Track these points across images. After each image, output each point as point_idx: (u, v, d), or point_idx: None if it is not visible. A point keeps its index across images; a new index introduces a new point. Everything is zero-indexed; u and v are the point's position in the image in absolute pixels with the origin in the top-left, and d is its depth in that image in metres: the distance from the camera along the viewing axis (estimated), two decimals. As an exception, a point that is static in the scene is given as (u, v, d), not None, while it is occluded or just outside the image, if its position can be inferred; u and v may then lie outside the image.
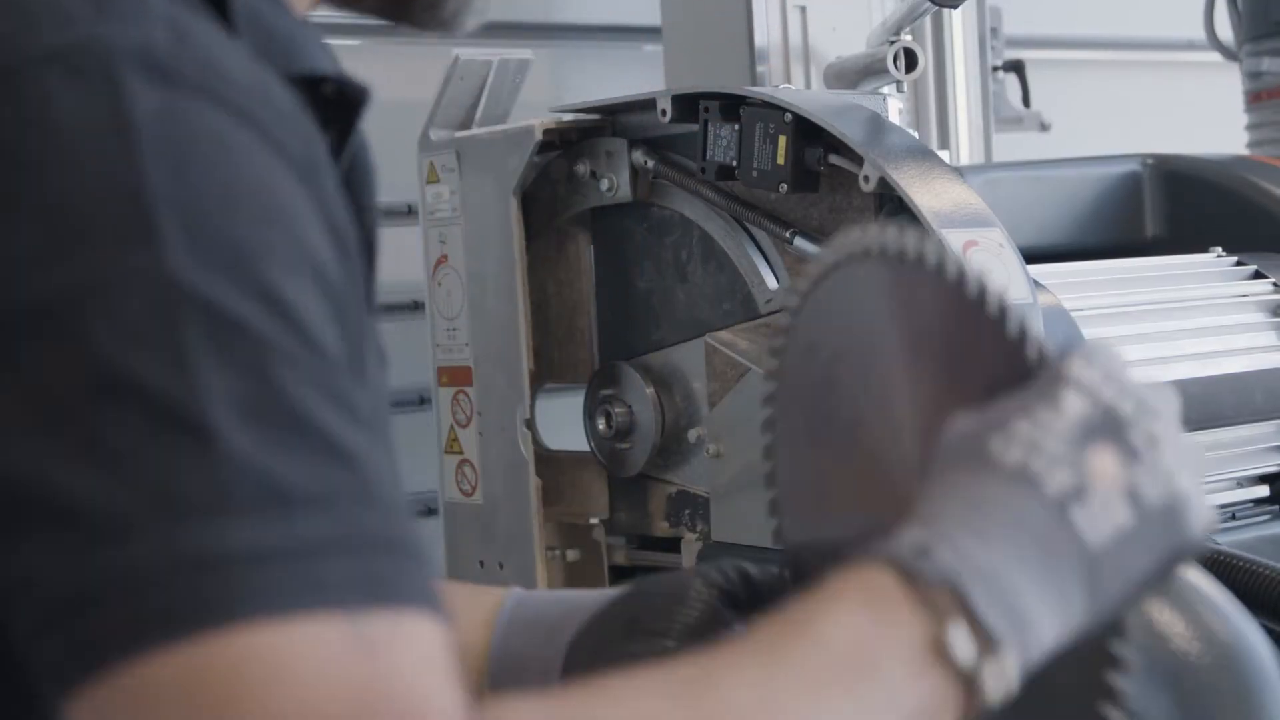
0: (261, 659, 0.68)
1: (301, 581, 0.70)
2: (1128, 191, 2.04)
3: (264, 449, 0.71)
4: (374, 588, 0.71)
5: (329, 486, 0.72)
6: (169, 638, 0.69)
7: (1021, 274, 1.53)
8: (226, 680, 0.68)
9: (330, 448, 0.73)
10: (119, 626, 0.69)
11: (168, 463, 0.70)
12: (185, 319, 0.72)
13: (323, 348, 0.75)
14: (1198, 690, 1.28)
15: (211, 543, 0.69)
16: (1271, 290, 1.82)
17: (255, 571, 0.69)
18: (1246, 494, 1.74)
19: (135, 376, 0.71)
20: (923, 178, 1.56)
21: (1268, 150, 2.38)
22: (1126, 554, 0.85)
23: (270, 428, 0.72)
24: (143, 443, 0.70)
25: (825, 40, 2.15)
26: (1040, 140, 2.79)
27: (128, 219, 0.73)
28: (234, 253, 0.74)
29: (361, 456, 0.74)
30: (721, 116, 1.68)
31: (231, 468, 0.70)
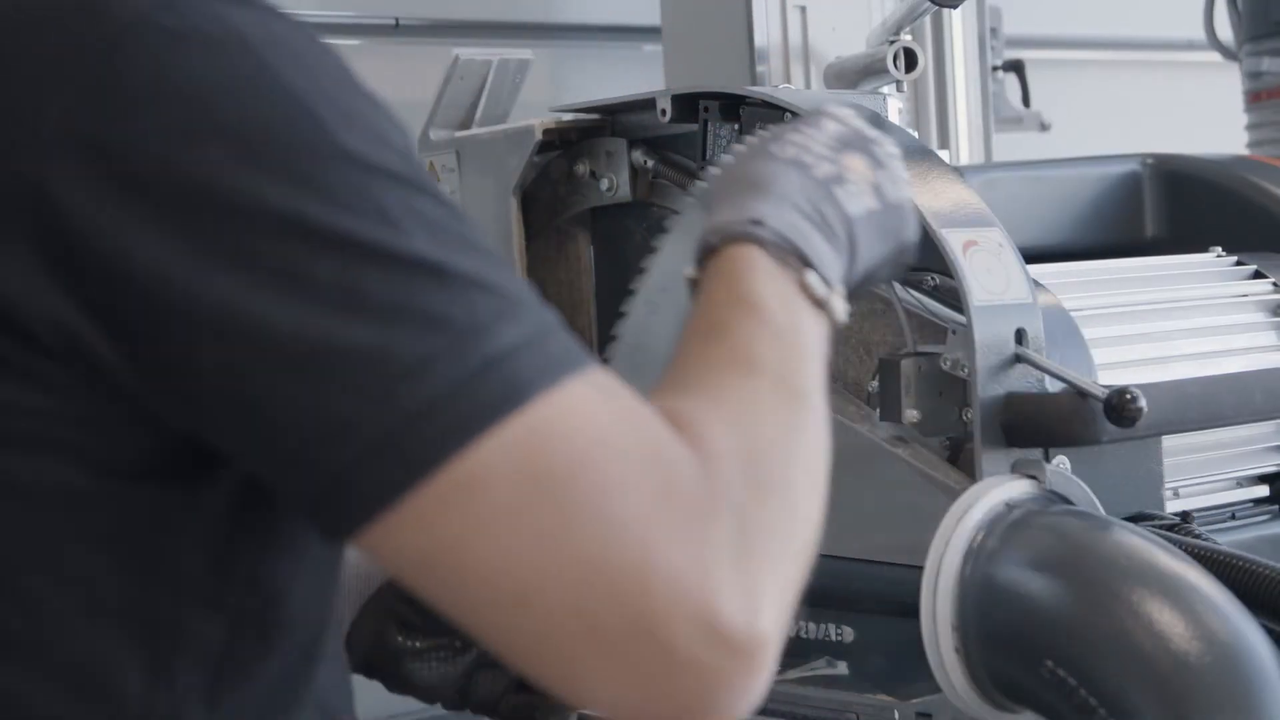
0: (561, 417, 0.91)
1: (547, 360, 0.92)
2: (1127, 191, 2.04)
3: (477, 271, 0.92)
4: (575, 355, 0.93)
5: (519, 288, 0.94)
6: (490, 424, 0.90)
7: (1021, 274, 1.53)
8: (547, 440, 0.91)
9: (498, 261, 0.94)
10: (445, 432, 0.89)
11: (429, 301, 0.91)
12: (377, 186, 0.92)
13: (442, 194, 0.96)
14: (1198, 690, 1.29)
15: (488, 349, 0.91)
16: (1271, 290, 1.82)
17: (523, 361, 0.91)
18: (1246, 494, 1.74)
19: (373, 243, 0.91)
20: (923, 177, 1.56)
21: (1268, 150, 2.38)
22: (872, 232, 1.11)
23: (468, 254, 0.93)
24: (405, 292, 0.90)
25: (825, 40, 2.16)
26: (1040, 140, 2.79)
27: (297, 119, 0.92)
28: (370, 124, 0.94)
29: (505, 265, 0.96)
30: (721, 116, 1.68)
31: (468, 290, 0.92)
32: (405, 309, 0.91)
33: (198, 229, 0.90)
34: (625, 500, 0.91)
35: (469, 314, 0.92)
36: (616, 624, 0.91)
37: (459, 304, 0.92)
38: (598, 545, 0.91)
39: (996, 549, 1.39)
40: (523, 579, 0.91)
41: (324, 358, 0.90)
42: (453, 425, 0.90)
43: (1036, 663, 1.34)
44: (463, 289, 0.92)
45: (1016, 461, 1.47)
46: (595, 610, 0.91)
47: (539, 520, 0.91)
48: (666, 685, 0.92)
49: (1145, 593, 1.33)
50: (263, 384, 0.91)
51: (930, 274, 1.57)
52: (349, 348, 0.90)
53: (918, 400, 1.53)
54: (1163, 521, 1.56)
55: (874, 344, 1.63)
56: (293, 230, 0.91)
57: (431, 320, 0.91)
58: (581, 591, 0.91)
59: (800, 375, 1.03)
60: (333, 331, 0.90)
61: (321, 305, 0.90)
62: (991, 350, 1.49)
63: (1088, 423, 1.47)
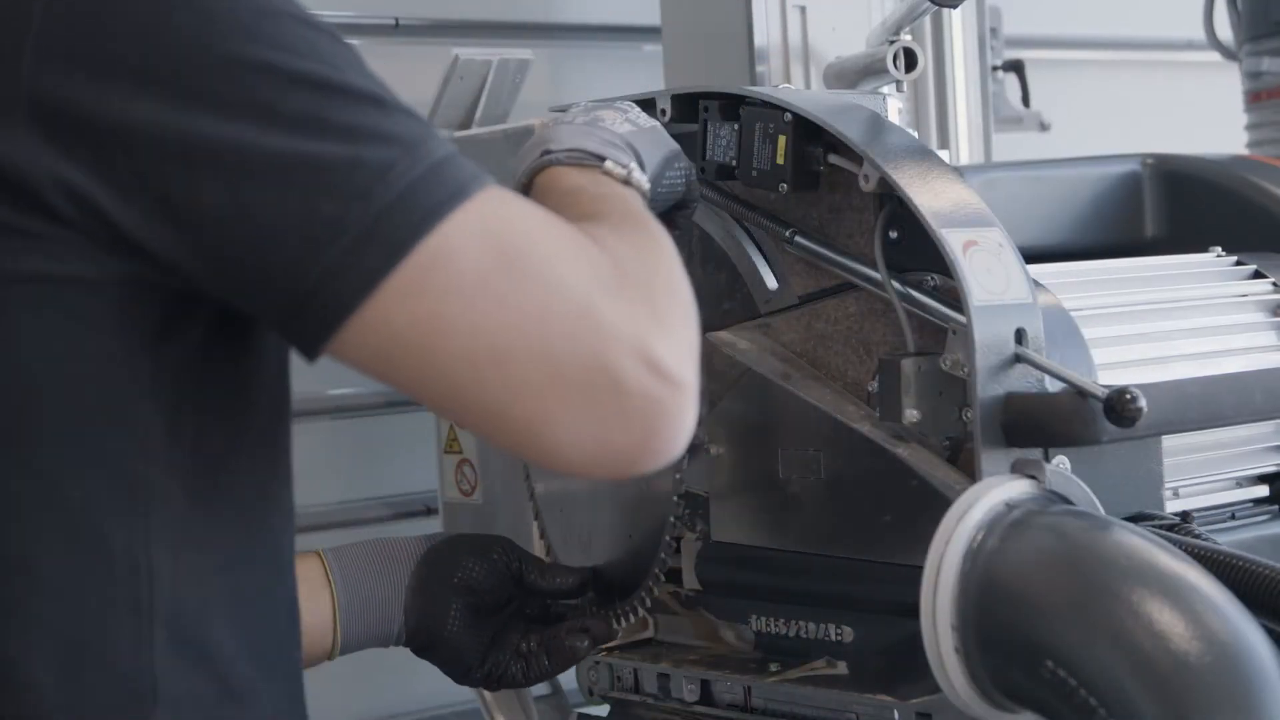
0: (504, 204, 1.15)
1: (474, 168, 1.15)
2: (1127, 191, 2.04)
3: (402, 103, 1.15)
4: (478, 172, 1.16)
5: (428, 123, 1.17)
6: (449, 210, 1.12)
7: (1021, 274, 1.53)
8: (497, 220, 1.14)
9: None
10: (414, 219, 1.11)
11: (378, 122, 1.12)
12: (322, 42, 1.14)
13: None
14: (1198, 690, 1.28)
15: (432, 157, 1.13)
16: (1271, 290, 1.82)
17: (459, 166, 1.14)
18: (1246, 494, 1.74)
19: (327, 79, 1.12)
20: (922, 177, 1.56)
21: (1267, 150, 2.38)
22: (642, 142, 1.46)
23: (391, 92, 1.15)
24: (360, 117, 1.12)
25: (825, 40, 2.16)
26: (1040, 140, 2.79)
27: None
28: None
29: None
30: (721, 116, 1.68)
31: (404, 116, 1.14)
32: (362, 128, 1.12)
33: (181, 83, 1.09)
34: (567, 266, 1.14)
35: (410, 132, 1.14)
36: (575, 368, 1.11)
37: (401, 125, 1.13)
38: (555, 301, 1.11)
39: (996, 549, 1.39)
40: (494, 336, 1.11)
41: (306, 169, 1.10)
42: (419, 213, 1.11)
43: (1036, 663, 1.34)
44: (401, 114, 1.14)
45: (1016, 461, 1.47)
46: (557, 356, 1.11)
47: (503, 284, 1.11)
48: (621, 419, 1.12)
49: (1145, 593, 1.33)
50: (254, 201, 1.09)
51: (930, 274, 1.57)
52: (326, 159, 1.10)
53: (918, 400, 1.53)
54: (1163, 521, 1.57)
55: (874, 344, 1.63)
56: (262, 73, 1.10)
57: (385, 136, 1.12)
58: (545, 342, 1.11)
59: (638, 212, 1.30)
60: (310, 148, 1.10)
61: (297, 129, 1.10)
62: (991, 350, 1.49)
63: (1088, 423, 1.47)
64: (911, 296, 1.58)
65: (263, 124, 1.10)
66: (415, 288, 1.10)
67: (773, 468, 1.68)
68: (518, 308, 1.11)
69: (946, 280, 1.54)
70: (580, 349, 1.11)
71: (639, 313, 1.14)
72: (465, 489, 2.01)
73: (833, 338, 1.67)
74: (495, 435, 1.14)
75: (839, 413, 1.62)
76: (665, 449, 1.15)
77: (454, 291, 1.11)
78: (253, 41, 1.11)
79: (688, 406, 1.15)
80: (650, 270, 1.19)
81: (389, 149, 1.12)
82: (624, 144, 1.43)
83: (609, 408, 1.12)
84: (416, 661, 1.66)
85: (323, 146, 1.10)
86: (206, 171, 1.09)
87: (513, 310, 1.11)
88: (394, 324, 1.11)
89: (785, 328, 1.71)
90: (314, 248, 1.10)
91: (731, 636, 1.76)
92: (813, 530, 1.66)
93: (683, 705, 1.74)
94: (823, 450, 1.64)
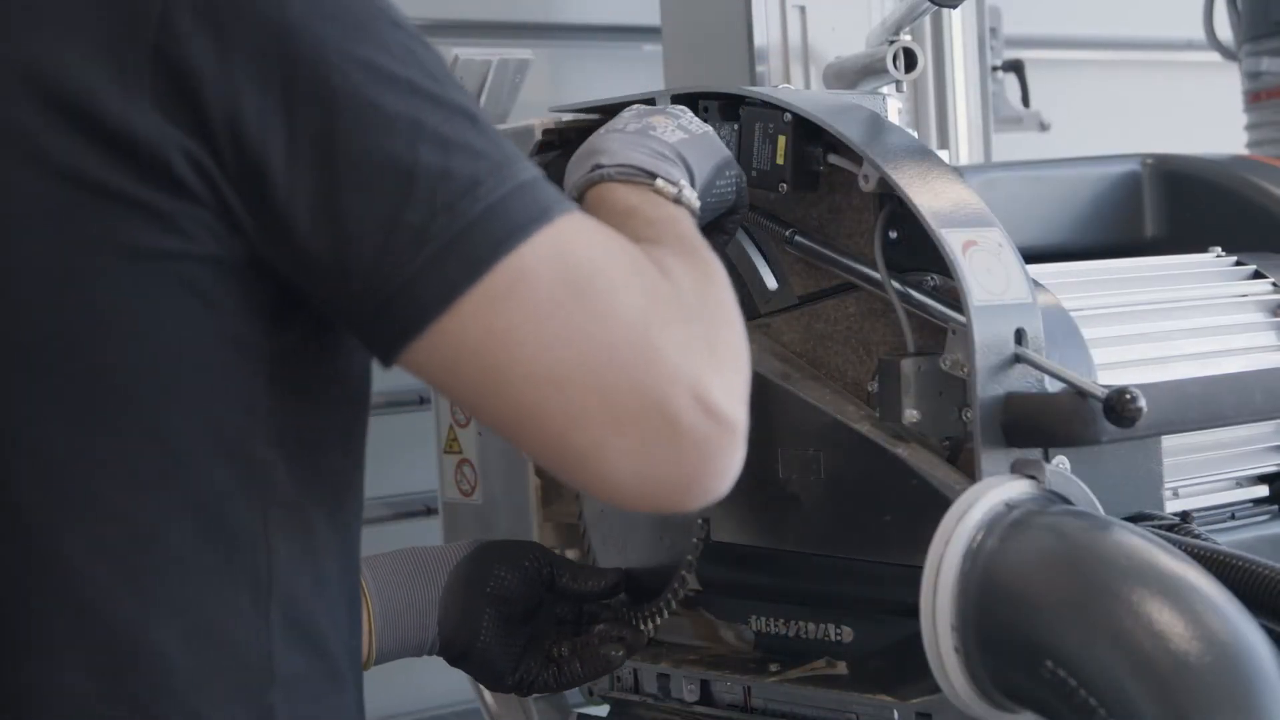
0: (576, 232, 1.18)
1: (556, 192, 1.18)
2: (1127, 191, 2.04)
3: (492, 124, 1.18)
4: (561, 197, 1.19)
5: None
6: (529, 234, 1.14)
7: (1021, 274, 1.53)
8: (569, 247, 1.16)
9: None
10: (495, 237, 1.13)
11: (470, 137, 1.15)
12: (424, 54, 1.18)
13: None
14: (1198, 690, 1.28)
15: (518, 178, 1.16)
16: (1271, 290, 1.82)
17: (542, 189, 1.17)
18: (1246, 494, 1.74)
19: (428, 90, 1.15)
20: (922, 177, 1.56)
21: (1267, 150, 2.38)
22: (694, 151, 1.50)
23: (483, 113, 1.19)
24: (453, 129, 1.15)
25: (824, 40, 2.16)
26: (1039, 140, 2.79)
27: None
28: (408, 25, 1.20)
29: None
30: (721, 116, 1.68)
31: (494, 135, 1.17)
32: (455, 141, 1.14)
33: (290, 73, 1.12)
34: (635, 298, 1.17)
35: (499, 151, 1.16)
36: (633, 402, 1.14)
37: (491, 143, 1.16)
38: (620, 334, 1.15)
39: (996, 549, 1.39)
40: (559, 362, 1.13)
41: (398, 175, 1.13)
42: (502, 232, 1.14)
43: (1036, 663, 1.34)
44: (492, 133, 1.17)
45: (1016, 461, 1.47)
46: (617, 389, 1.14)
47: (573, 311, 1.14)
48: (673, 456, 1.15)
49: (1145, 593, 1.33)
50: (345, 200, 1.12)
51: (930, 274, 1.57)
52: (420, 167, 1.13)
53: (917, 400, 1.53)
54: (1162, 521, 1.57)
55: (874, 344, 1.63)
56: (369, 72, 1.13)
57: (476, 152, 1.15)
58: (606, 374, 1.14)
59: (692, 238, 1.32)
60: (405, 154, 1.13)
61: (395, 132, 1.13)
62: (991, 350, 1.49)
63: (1087, 423, 1.47)
64: (911, 296, 1.58)
65: (364, 123, 1.13)
66: (492, 305, 1.13)
67: (773, 468, 1.68)
68: (586, 337, 1.14)
69: (946, 280, 1.54)
70: (639, 384, 1.15)
71: (697, 350, 1.17)
72: (465, 489, 2.01)
73: (832, 338, 1.67)
74: (548, 459, 1.17)
75: (839, 413, 1.62)
76: (712, 487, 1.18)
77: (527, 313, 1.13)
78: (362, 41, 1.14)
79: (737, 446, 1.18)
80: (710, 306, 1.22)
81: (478, 164, 1.14)
82: (675, 155, 1.46)
83: (662, 444, 1.15)
84: (416, 661, 1.66)
85: (417, 153, 1.13)
86: (305, 163, 1.12)
87: (580, 339, 1.14)
88: (467, 338, 1.13)
89: (785, 328, 1.71)
90: (397, 255, 1.13)
91: (731, 636, 1.76)
92: (812, 530, 1.66)
93: (682, 705, 1.74)
94: (822, 450, 1.64)
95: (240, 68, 1.12)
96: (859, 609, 1.64)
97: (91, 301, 1.15)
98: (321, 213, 1.13)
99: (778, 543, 1.70)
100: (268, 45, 1.13)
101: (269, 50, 1.13)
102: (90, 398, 1.15)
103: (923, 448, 1.55)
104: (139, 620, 1.17)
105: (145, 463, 1.16)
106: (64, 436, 1.16)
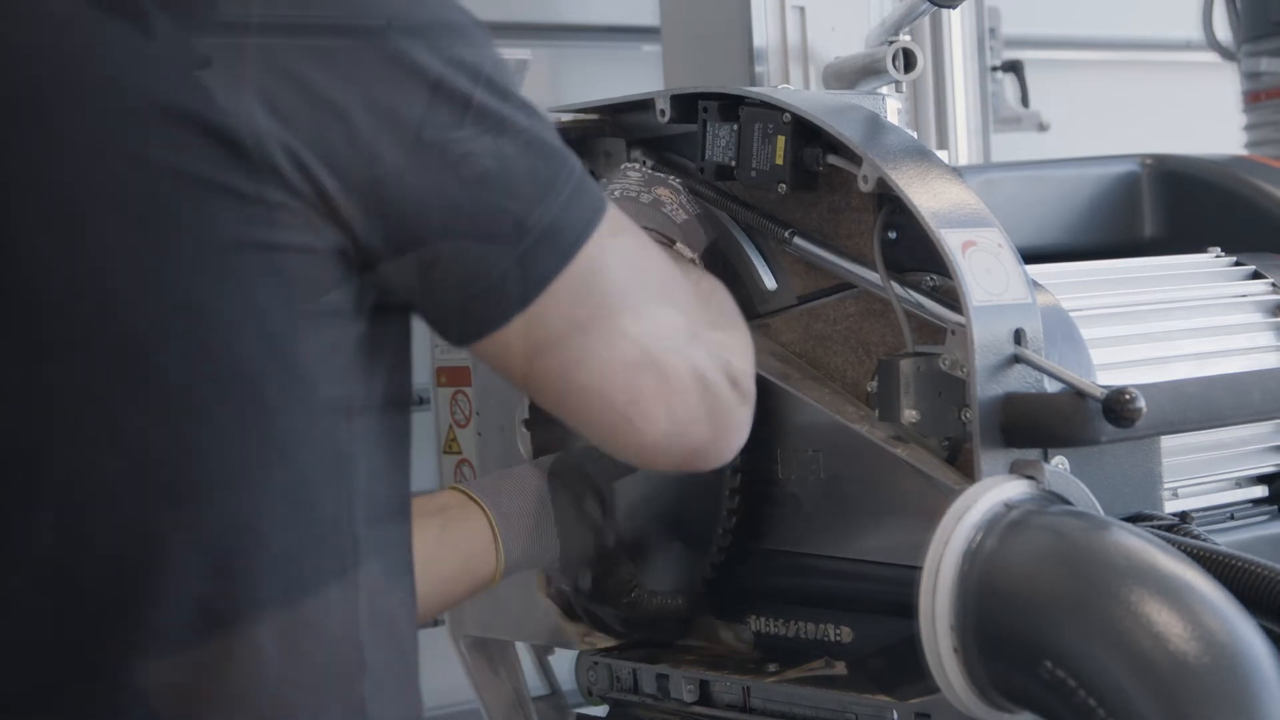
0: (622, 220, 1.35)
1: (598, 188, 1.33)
2: (1126, 191, 2.04)
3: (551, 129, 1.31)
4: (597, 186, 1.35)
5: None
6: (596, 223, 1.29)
7: (1020, 274, 1.53)
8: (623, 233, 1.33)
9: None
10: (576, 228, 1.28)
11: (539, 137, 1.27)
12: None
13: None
14: (1196, 690, 1.29)
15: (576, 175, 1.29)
16: (1269, 290, 1.82)
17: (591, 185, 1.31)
18: (1244, 494, 1.74)
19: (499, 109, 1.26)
20: (921, 178, 1.56)
21: (1266, 150, 2.38)
22: (691, 235, 1.65)
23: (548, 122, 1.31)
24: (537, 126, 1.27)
25: (824, 40, 2.16)
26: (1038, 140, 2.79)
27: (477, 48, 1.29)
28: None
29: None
30: (720, 116, 1.68)
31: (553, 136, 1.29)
32: (535, 136, 1.26)
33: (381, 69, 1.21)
34: (677, 289, 1.38)
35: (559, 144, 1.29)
36: (681, 374, 1.35)
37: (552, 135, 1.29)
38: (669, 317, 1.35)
39: (995, 549, 1.39)
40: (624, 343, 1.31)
41: (499, 170, 1.24)
42: (581, 223, 1.28)
43: (1035, 663, 1.34)
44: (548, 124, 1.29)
45: (1015, 462, 1.47)
46: (670, 364, 1.34)
47: (636, 295, 1.32)
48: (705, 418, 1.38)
49: (1144, 593, 1.33)
50: (449, 197, 1.22)
51: (929, 274, 1.57)
52: (513, 164, 1.24)
53: (917, 400, 1.53)
54: (1161, 522, 1.57)
55: (873, 344, 1.63)
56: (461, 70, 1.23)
57: (548, 147, 1.27)
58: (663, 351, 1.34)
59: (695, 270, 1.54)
60: (501, 149, 1.24)
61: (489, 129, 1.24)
62: (990, 351, 1.49)
63: (1086, 423, 1.47)
64: (910, 297, 1.58)
65: (461, 118, 1.23)
66: (573, 292, 1.28)
67: (772, 467, 1.68)
68: (647, 319, 1.33)
69: (945, 281, 1.55)
70: (686, 358, 1.36)
71: (724, 335, 1.42)
72: (464, 489, 2.00)
73: (832, 338, 1.67)
74: (592, 422, 1.34)
75: (838, 413, 1.62)
76: (729, 448, 1.44)
77: (601, 298, 1.30)
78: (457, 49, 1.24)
79: (749, 416, 1.46)
80: (723, 301, 1.50)
81: (551, 160, 1.27)
82: (682, 236, 1.64)
83: (697, 409, 1.37)
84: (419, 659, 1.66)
85: (511, 149, 1.25)
86: (404, 158, 1.21)
87: (642, 320, 1.33)
88: (550, 323, 1.27)
89: (784, 328, 1.71)
90: (496, 249, 1.25)
91: (730, 637, 1.76)
92: (811, 530, 1.66)
93: (681, 705, 1.74)
94: (821, 450, 1.64)
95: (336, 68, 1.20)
96: (857, 609, 1.64)
97: (191, 290, 1.19)
98: (422, 212, 1.22)
99: (776, 543, 1.70)
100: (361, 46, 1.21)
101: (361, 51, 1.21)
102: (190, 387, 1.19)
103: (922, 448, 1.55)
104: (239, 609, 1.19)
105: (246, 449, 1.20)
106: (164, 428, 1.19)
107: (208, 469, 1.19)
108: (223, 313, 1.19)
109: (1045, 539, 1.39)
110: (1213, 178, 2.01)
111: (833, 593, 1.65)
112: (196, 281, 1.18)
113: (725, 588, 1.75)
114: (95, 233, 1.18)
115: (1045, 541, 1.39)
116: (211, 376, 1.19)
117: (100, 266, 1.18)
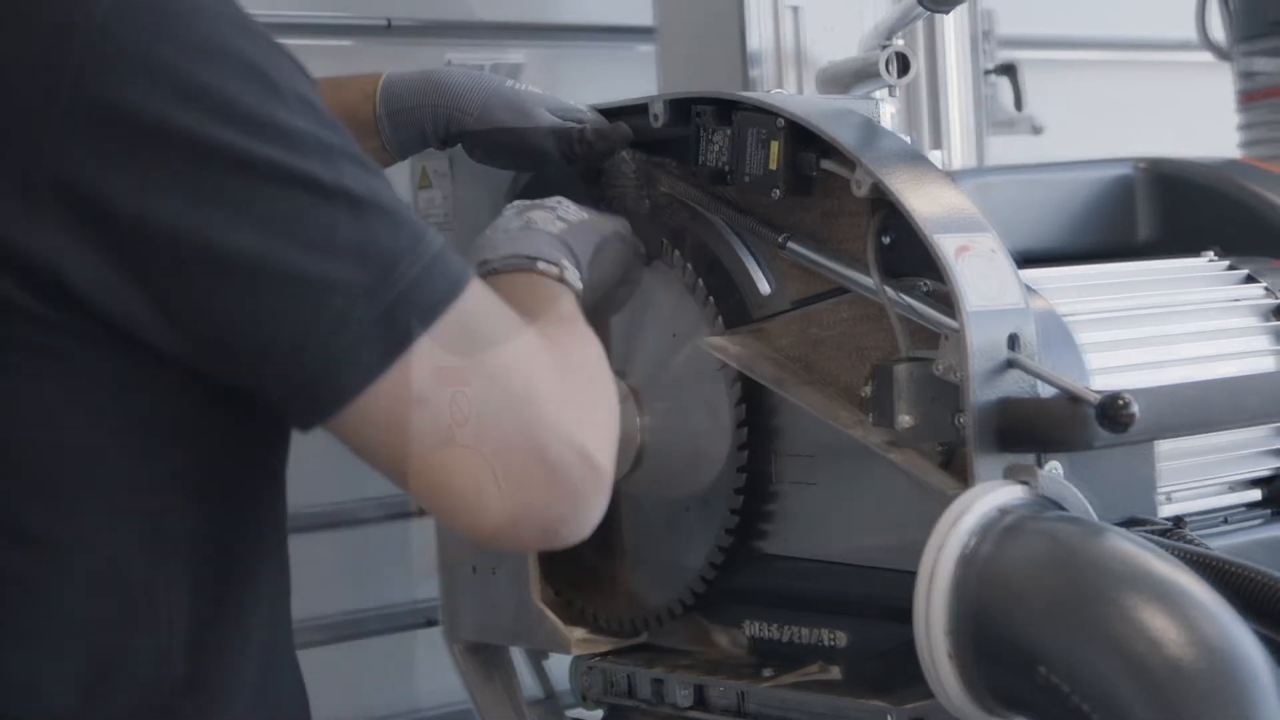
0: (485, 297, 1.30)
1: (458, 265, 1.28)
2: (1120, 195, 2.04)
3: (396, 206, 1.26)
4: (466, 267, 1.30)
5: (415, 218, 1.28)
6: (453, 297, 1.26)
7: (1014, 278, 1.53)
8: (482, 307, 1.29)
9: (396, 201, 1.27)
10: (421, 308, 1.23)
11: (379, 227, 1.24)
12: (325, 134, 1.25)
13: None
14: (1191, 696, 1.29)
15: (434, 247, 1.25)
16: (1264, 294, 1.82)
17: (452, 260, 1.27)
18: (1239, 498, 1.74)
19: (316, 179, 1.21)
20: (915, 182, 1.56)
21: (1260, 151, 2.38)
22: (579, 238, 1.58)
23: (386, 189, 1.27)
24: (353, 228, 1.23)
25: (818, 44, 2.16)
26: (1033, 143, 2.79)
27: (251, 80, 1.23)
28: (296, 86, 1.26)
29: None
30: (714, 121, 1.69)
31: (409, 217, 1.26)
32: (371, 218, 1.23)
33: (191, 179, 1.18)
34: (528, 370, 1.30)
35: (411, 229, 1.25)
36: (522, 454, 1.28)
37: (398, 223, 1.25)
38: (515, 397, 1.28)
39: (990, 554, 1.39)
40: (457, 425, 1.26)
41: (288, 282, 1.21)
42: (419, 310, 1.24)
43: (1030, 668, 1.34)
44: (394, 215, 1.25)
45: (1010, 467, 1.47)
46: (511, 446, 1.27)
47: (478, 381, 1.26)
48: (549, 498, 1.29)
49: (1139, 598, 1.33)
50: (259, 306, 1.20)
51: (924, 279, 1.57)
52: (305, 274, 1.21)
53: (911, 405, 1.53)
54: (1156, 526, 1.57)
55: (867, 349, 1.63)
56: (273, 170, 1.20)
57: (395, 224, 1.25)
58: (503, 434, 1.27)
59: (571, 314, 1.46)
60: (295, 261, 1.21)
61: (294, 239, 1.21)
62: (985, 355, 1.49)
63: (1081, 428, 1.47)
64: (905, 302, 1.58)
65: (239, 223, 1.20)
66: (404, 380, 1.24)
67: (766, 472, 1.68)
68: (485, 401, 1.27)
69: (940, 285, 1.55)
70: (530, 437, 1.28)
71: (579, 406, 1.33)
72: (459, 492, 2.00)
73: (826, 343, 1.67)
74: (429, 502, 1.30)
75: (833, 418, 1.62)
76: (580, 527, 1.33)
77: (434, 385, 1.25)
78: (261, 137, 1.20)
79: (604, 496, 1.33)
80: (585, 370, 1.38)
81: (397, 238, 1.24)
82: (561, 244, 1.56)
83: (539, 489, 1.29)
84: (413, 661, 1.66)
85: (302, 259, 1.21)
86: (207, 271, 1.19)
87: (482, 402, 1.27)
88: (379, 411, 1.24)
89: (779, 332, 1.71)
90: (318, 341, 1.21)
91: (725, 641, 1.76)
92: (806, 535, 1.66)
93: (677, 710, 1.74)
94: (816, 455, 1.64)
95: (132, 179, 1.17)
96: (853, 614, 1.64)
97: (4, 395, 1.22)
98: (236, 321, 1.21)
99: (771, 547, 1.70)
100: (164, 152, 1.18)
101: (166, 158, 1.18)
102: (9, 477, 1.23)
103: (916, 453, 1.55)
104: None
105: (60, 538, 1.25)
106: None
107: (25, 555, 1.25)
108: (28, 411, 1.22)
109: (1040, 544, 1.40)
110: (1207, 181, 2.01)
111: (828, 597, 1.66)
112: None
113: (721, 592, 1.75)
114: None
115: (1040, 547, 1.39)
116: (20, 467, 1.24)
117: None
